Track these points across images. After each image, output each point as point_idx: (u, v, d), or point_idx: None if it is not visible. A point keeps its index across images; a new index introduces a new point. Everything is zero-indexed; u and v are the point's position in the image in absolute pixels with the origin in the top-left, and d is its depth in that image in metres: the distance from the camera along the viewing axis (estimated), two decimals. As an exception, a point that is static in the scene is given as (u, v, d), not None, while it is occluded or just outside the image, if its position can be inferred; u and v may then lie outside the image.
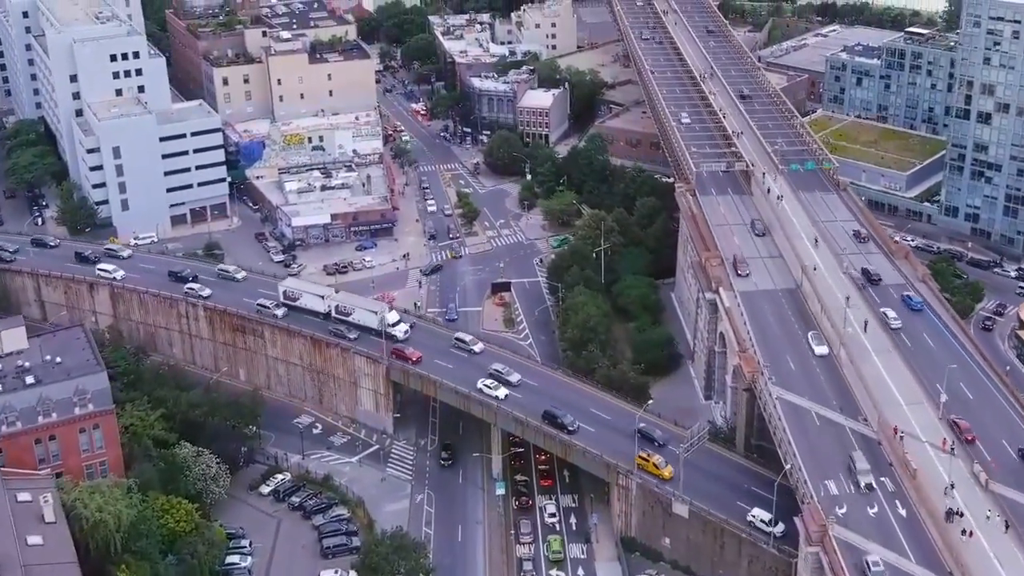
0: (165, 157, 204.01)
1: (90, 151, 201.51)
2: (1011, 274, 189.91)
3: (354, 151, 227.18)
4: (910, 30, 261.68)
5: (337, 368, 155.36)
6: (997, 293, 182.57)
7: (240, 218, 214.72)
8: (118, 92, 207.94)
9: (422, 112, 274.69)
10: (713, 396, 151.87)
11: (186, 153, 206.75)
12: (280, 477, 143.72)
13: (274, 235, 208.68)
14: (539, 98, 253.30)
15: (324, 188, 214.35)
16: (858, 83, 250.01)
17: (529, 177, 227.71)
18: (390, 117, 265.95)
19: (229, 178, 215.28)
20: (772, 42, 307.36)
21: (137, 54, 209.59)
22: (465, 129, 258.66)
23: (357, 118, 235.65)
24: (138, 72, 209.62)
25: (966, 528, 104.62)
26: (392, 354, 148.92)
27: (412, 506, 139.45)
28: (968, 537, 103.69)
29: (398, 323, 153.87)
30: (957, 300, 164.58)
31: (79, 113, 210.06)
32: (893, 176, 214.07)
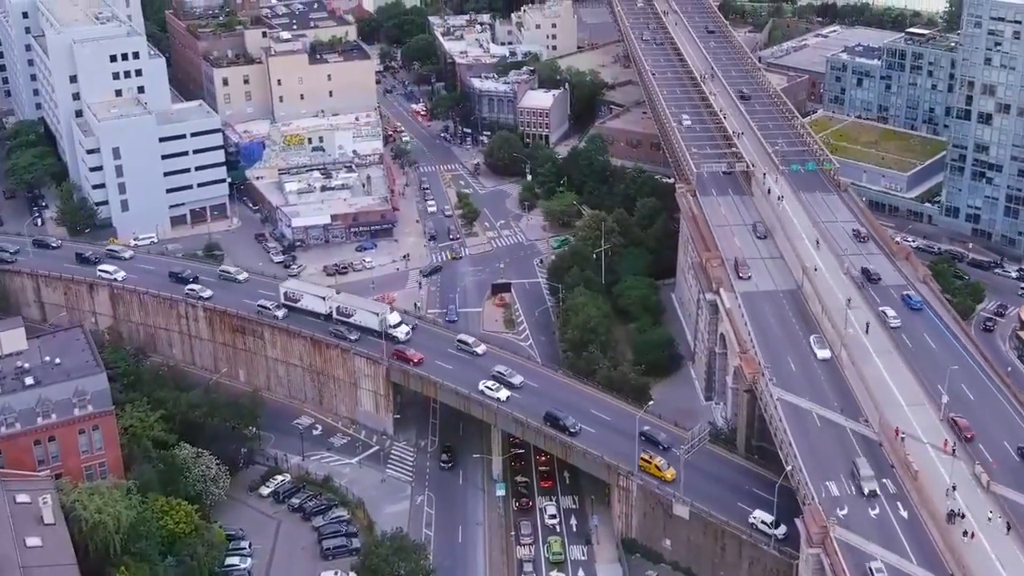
0: (165, 158, 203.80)
1: (90, 152, 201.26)
2: (1012, 275, 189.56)
3: (354, 152, 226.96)
4: (911, 31, 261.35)
5: (337, 369, 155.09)
6: (998, 294, 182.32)
7: (240, 219, 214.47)
8: (118, 93, 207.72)
9: (422, 113, 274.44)
10: (714, 397, 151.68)
11: (186, 154, 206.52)
12: (280, 478, 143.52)
13: (274, 236, 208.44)
14: (539, 99, 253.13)
15: (324, 189, 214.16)
16: (859, 84, 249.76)
17: (529, 178, 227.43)
18: (390, 118, 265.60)
19: (229, 179, 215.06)
20: (772, 42, 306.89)
21: (137, 54, 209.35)
22: (465, 130, 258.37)
23: (357, 119, 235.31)
24: (138, 73, 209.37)
25: (968, 529, 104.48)
26: (393, 355, 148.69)
27: (412, 507, 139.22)
28: (970, 539, 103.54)
29: (400, 324, 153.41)
30: (958, 301, 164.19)
31: (79, 114, 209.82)
32: (894, 177, 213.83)
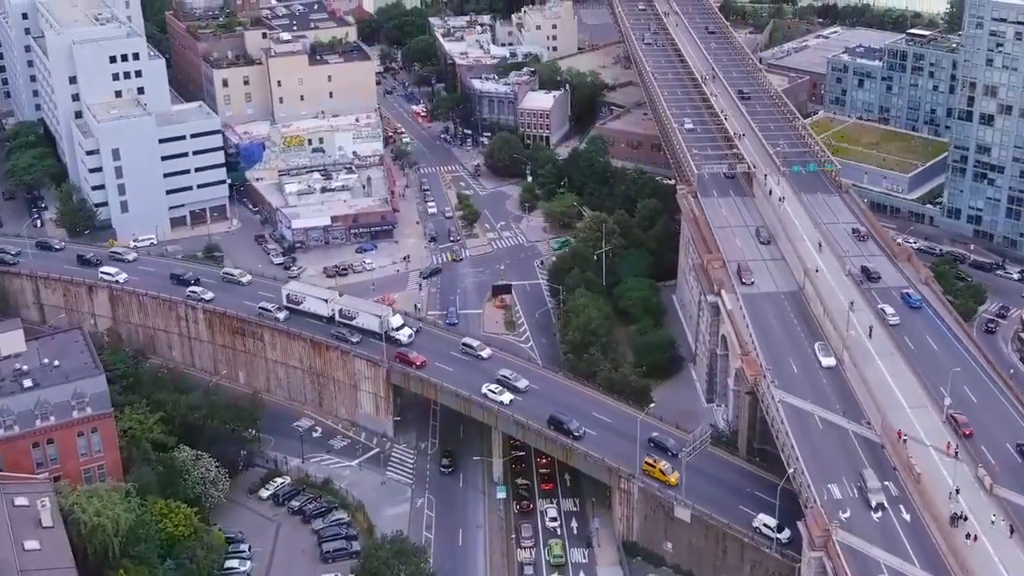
0: (165, 159, 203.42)
1: (89, 153, 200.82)
2: (1014, 276, 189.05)
3: (354, 153, 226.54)
4: (912, 31, 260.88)
5: (337, 371, 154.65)
6: (1000, 295, 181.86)
7: (240, 220, 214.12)
8: (118, 94, 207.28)
9: (422, 114, 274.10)
10: (715, 399, 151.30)
11: (186, 155, 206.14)
12: (280, 481, 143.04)
13: (274, 237, 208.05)
14: (540, 100, 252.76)
15: (324, 190, 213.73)
16: (860, 85, 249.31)
17: (530, 179, 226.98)
18: (390, 119, 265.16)
19: (229, 180, 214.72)
20: (773, 44, 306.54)
21: (137, 55, 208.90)
22: (466, 131, 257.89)
23: (357, 120, 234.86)
24: (138, 74, 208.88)
25: (971, 532, 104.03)
26: (396, 358, 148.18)
27: (412, 510, 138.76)
28: (973, 541, 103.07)
29: (402, 327, 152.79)
30: (960, 303, 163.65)
31: (78, 115, 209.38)
32: (895, 178, 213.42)
